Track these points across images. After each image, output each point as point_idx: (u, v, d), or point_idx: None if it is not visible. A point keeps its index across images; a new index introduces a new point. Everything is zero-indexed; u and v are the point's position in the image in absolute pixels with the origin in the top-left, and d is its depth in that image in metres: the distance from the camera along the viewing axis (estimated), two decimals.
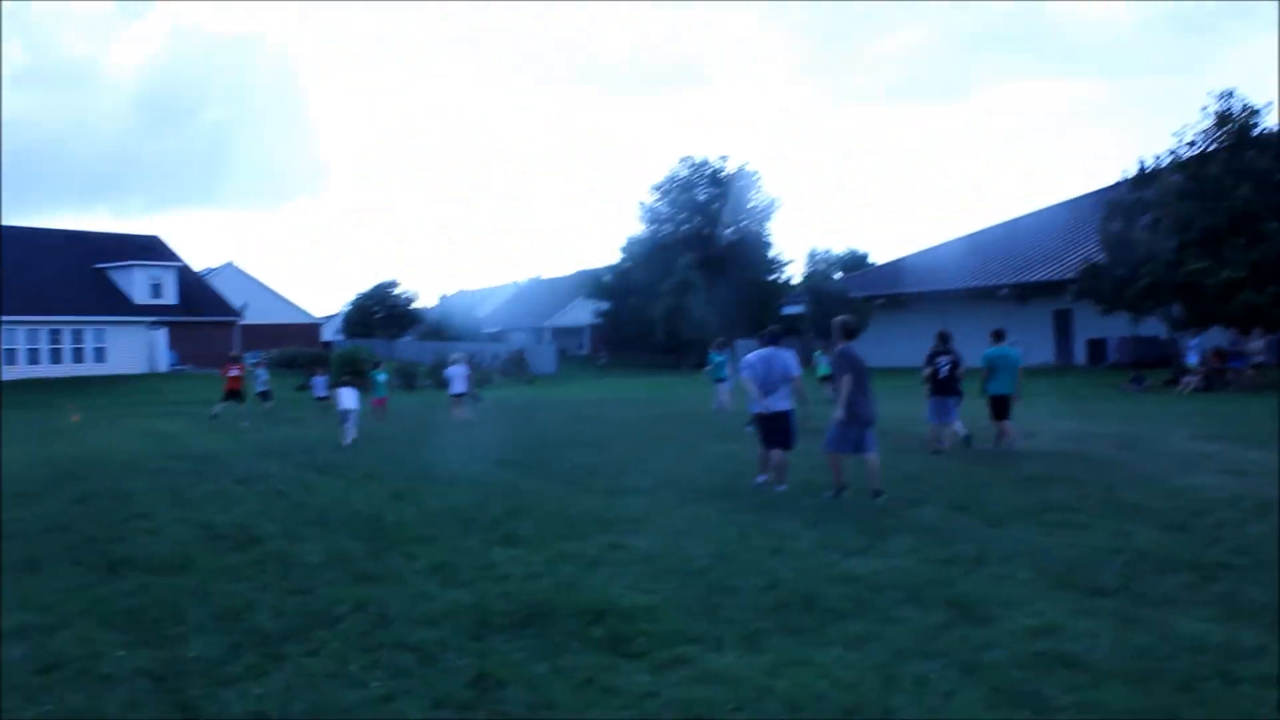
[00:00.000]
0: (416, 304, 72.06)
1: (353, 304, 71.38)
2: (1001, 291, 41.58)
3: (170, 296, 51.70)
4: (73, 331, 46.91)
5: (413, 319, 69.99)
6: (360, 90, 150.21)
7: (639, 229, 59.35)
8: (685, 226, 57.12)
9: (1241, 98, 28.98)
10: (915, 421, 15.65)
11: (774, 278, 58.30)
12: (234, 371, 23.44)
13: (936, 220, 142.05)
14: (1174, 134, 32.43)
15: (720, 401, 22.37)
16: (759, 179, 58.45)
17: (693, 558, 7.52)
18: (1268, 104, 30.83)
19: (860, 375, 9.99)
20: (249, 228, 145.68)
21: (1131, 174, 31.64)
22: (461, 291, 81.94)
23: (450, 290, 79.69)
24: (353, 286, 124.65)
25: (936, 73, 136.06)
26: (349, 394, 17.54)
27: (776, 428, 10.71)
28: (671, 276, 50.90)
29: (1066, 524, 8.59)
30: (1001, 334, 14.66)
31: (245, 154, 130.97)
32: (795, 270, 58.15)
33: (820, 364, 22.51)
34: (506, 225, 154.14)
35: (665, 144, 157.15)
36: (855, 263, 66.71)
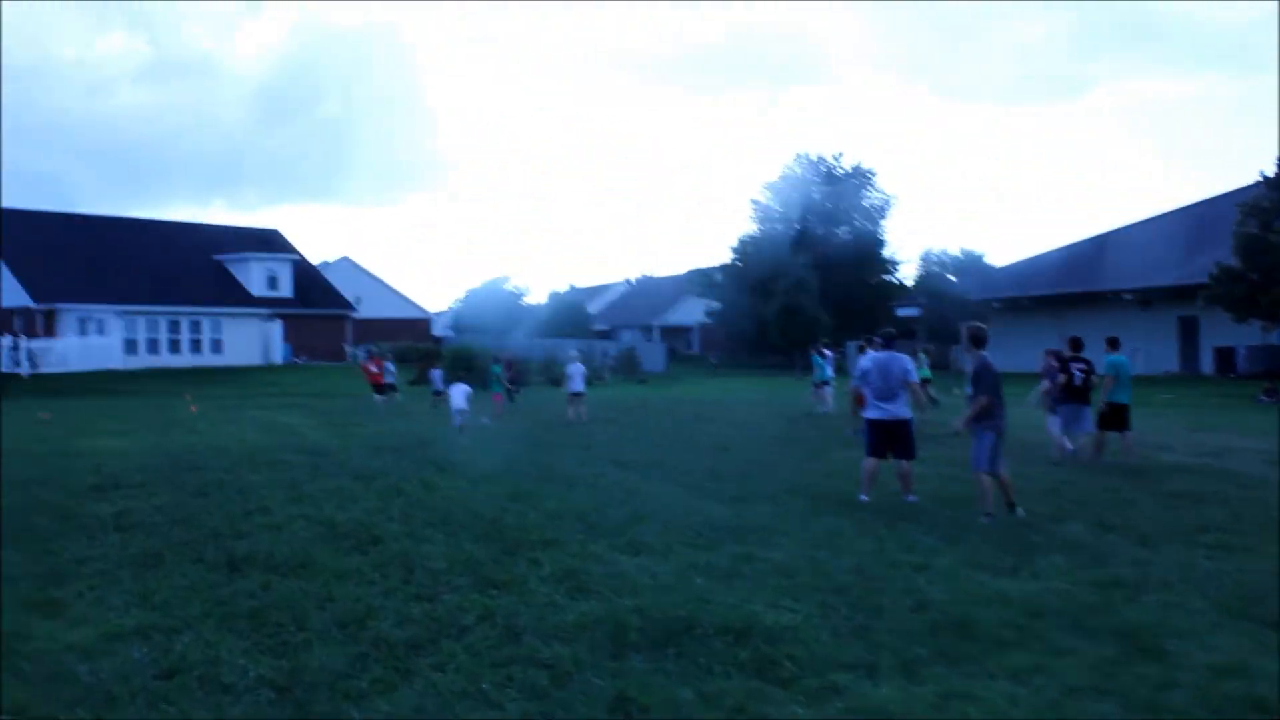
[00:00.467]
0: (527, 299, 72.51)
1: (463, 300, 72.17)
2: (1125, 296, 39.91)
3: (286, 289, 52.86)
4: (191, 322, 48.24)
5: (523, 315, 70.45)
6: (478, 86, 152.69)
7: (751, 228, 58.80)
8: (798, 225, 56.24)
9: None
10: (1030, 429, 15.24)
11: (888, 278, 57.14)
12: (374, 368, 24.92)
13: (1056, 223, 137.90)
14: None
15: (823, 405, 21.86)
16: (874, 177, 57.41)
17: (832, 573, 7.18)
18: None
19: (1000, 387, 9.56)
20: (364, 222, 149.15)
21: (1270, 174, 30.14)
22: (572, 288, 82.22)
23: (561, 287, 79.97)
24: (464, 282, 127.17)
25: (1055, 69, 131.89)
26: (459, 392, 17.98)
27: (897, 436, 10.23)
28: (785, 276, 50.11)
29: (1227, 546, 8.09)
30: (1116, 342, 14.25)
31: (362, 148, 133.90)
32: (908, 272, 57.02)
33: (922, 366, 21.85)
34: (619, 222, 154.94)
35: (780, 142, 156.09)
36: (971, 264, 64.87)
